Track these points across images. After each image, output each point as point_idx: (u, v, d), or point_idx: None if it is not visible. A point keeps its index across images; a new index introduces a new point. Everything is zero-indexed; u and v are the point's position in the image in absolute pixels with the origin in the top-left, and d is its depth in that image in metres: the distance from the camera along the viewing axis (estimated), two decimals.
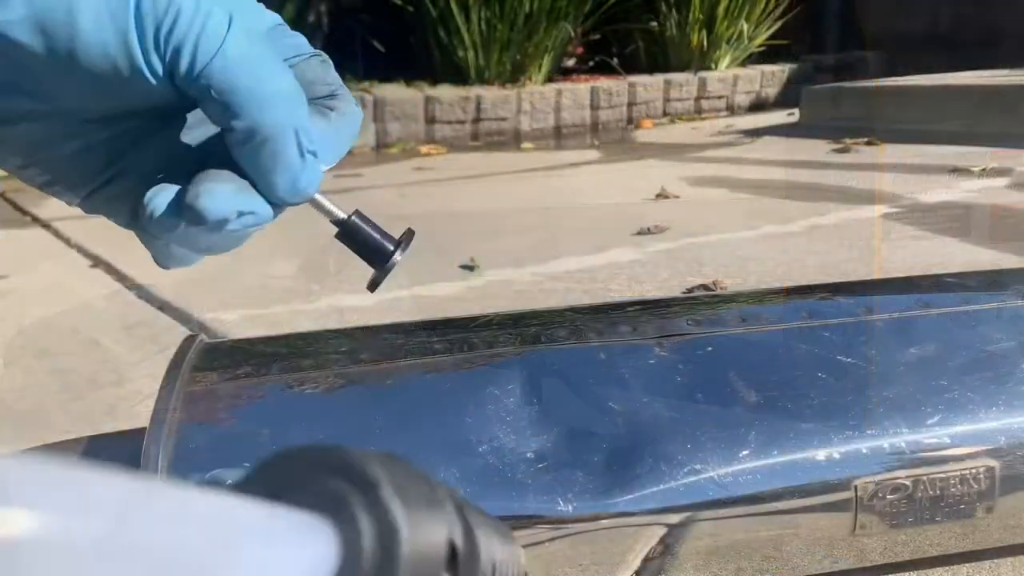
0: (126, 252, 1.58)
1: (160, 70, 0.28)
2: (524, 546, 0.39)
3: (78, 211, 0.35)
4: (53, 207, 1.90)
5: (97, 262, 1.53)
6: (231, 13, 0.28)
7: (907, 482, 0.43)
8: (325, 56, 0.33)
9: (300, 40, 0.33)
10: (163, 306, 1.27)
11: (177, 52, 0.27)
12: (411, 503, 0.15)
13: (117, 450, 0.43)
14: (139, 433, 0.41)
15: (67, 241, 1.68)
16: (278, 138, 0.28)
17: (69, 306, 1.29)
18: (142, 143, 0.32)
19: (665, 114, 3.83)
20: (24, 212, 1.94)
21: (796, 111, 3.32)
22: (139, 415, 0.89)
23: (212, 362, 0.46)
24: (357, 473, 0.15)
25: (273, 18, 0.32)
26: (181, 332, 1.17)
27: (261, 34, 0.30)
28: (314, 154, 0.29)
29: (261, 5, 0.32)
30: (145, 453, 0.39)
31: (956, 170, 1.98)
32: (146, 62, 0.28)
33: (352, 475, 0.15)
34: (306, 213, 0.32)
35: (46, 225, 1.81)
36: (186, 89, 0.28)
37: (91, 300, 1.33)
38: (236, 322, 1.16)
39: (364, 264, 0.32)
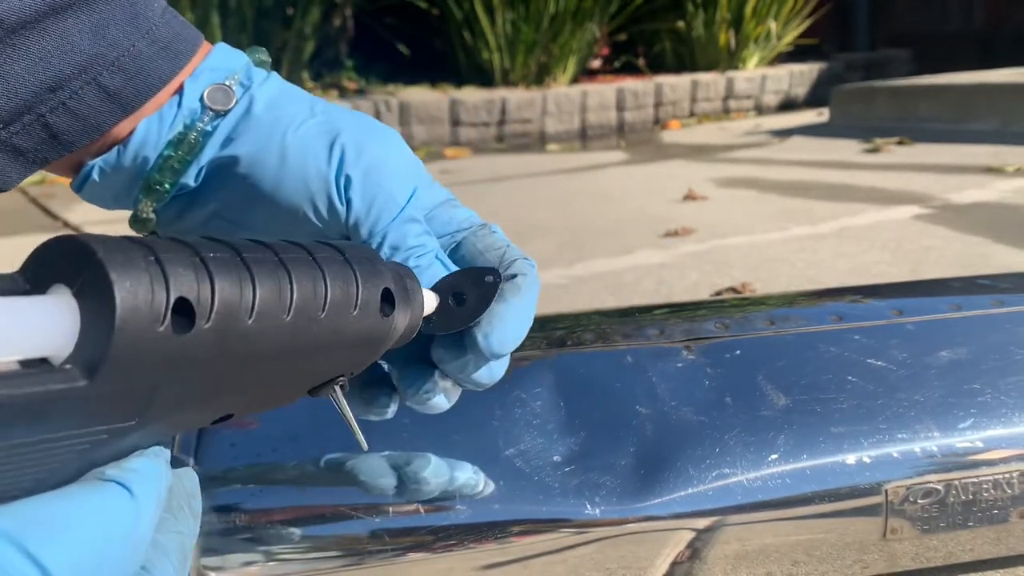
0: None
1: (342, 220, 0.34)
2: (551, 551, 0.39)
3: (107, 215, 0.36)
4: (83, 212, 1.94)
5: None
6: (416, 187, 0.35)
7: (939, 486, 0.43)
8: (493, 226, 0.37)
9: (467, 213, 0.37)
10: None
11: (360, 215, 0.34)
12: (126, 267, 0.18)
13: None
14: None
15: None
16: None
17: None
18: None
19: (692, 115, 3.81)
20: (55, 217, 1.98)
21: (826, 111, 3.29)
22: None
23: None
24: (78, 248, 0.18)
25: (445, 194, 0.37)
26: None
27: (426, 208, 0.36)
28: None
29: (438, 184, 0.37)
30: (177, 451, 0.39)
31: (990, 169, 1.95)
32: (331, 213, 0.34)
33: (76, 251, 0.18)
34: None
35: (76, 229, 1.84)
36: (363, 239, 0.34)
37: None
38: None
39: None
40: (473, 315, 0.32)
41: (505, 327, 0.32)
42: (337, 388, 0.29)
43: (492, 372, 0.34)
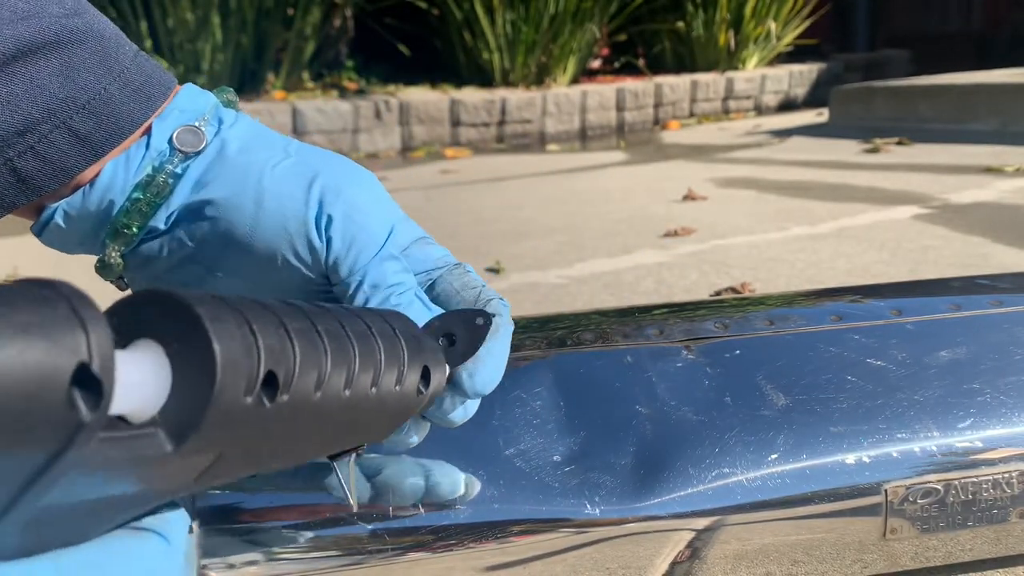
0: None
1: (321, 260, 0.33)
2: (551, 551, 0.39)
3: None
4: None
5: None
6: (393, 225, 0.35)
7: (938, 486, 0.43)
8: (467, 265, 0.37)
9: (442, 252, 0.37)
10: None
11: (340, 254, 0.33)
12: (226, 335, 0.18)
13: None
14: None
15: None
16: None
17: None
18: None
19: (692, 115, 3.81)
20: None
21: (825, 111, 3.29)
22: None
23: None
24: (178, 307, 0.18)
25: (419, 231, 0.37)
26: None
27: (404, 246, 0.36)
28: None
29: (413, 221, 0.37)
30: None
31: (989, 170, 1.95)
32: (310, 254, 0.33)
33: (175, 309, 0.18)
34: None
35: None
36: (342, 278, 0.34)
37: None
38: None
39: None
40: (464, 356, 0.32)
41: (487, 367, 0.33)
42: (353, 456, 0.30)
43: (467, 410, 0.34)
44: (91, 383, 0.14)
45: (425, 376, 0.28)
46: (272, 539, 0.37)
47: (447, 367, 0.31)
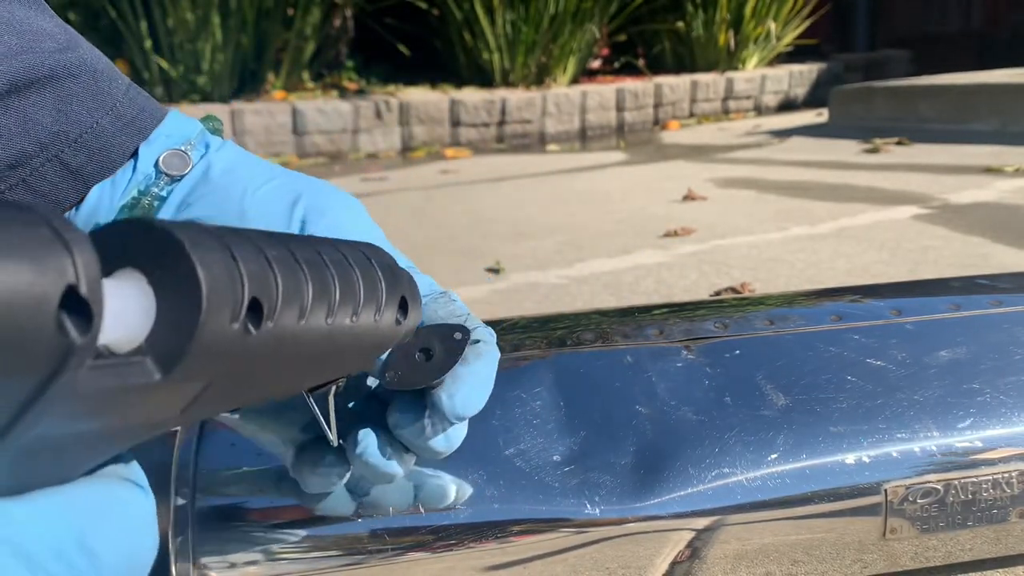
0: None
1: None
2: (551, 551, 0.39)
3: None
4: None
5: None
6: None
7: (938, 486, 0.43)
8: (452, 293, 0.36)
9: (427, 280, 0.36)
10: None
11: None
12: (210, 262, 0.17)
13: (148, 452, 0.44)
14: (171, 437, 0.41)
15: None
16: None
17: None
18: None
19: (692, 115, 3.81)
20: None
21: (825, 111, 3.29)
22: None
23: None
24: (159, 235, 0.17)
25: (405, 260, 0.36)
26: None
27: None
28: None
29: (398, 250, 0.36)
30: (177, 451, 0.40)
31: (989, 170, 1.95)
32: None
33: (156, 237, 0.17)
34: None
35: None
36: None
37: None
38: None
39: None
40: (440, 371, 0.31)
41: (469, 389, 0.32)
42: (333, 389, 0.29)
43: (449, 440, 0.33)
44: (79, 306, 0.14)
45: (403, 308, 0.28)
46: (272, 539, 0.37)
47: (420, 298, 0.31)
